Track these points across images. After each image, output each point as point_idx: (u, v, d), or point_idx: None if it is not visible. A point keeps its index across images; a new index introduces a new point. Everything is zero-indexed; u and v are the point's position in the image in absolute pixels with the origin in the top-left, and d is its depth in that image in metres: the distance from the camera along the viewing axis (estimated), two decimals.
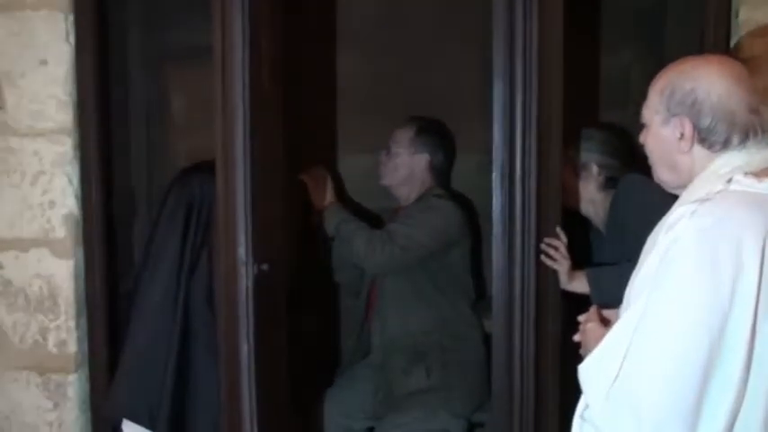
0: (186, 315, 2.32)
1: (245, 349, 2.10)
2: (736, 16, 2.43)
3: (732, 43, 2.45)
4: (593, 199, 2.48)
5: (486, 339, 2.74)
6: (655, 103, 1.57)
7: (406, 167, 2.80)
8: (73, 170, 2.55)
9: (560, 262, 2.26)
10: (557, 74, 2.21)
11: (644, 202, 1.99)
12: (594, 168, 2.45)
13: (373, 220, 2.90)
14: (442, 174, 2.85)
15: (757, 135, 1.49)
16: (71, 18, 2.51)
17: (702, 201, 1.43)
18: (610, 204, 2.43)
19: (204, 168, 2.36)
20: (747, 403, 1.38)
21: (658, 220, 1.53)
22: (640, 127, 1.63)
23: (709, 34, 2.48)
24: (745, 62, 2.29)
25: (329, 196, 2.77)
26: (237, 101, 2.09)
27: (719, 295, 1.36)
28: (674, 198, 1.57)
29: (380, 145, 2.87)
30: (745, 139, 1.49)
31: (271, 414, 2.24)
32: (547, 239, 2.25)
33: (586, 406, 1.50)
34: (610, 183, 2.44)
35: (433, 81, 3.06)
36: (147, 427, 2.34)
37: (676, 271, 1.39)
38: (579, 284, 2.28)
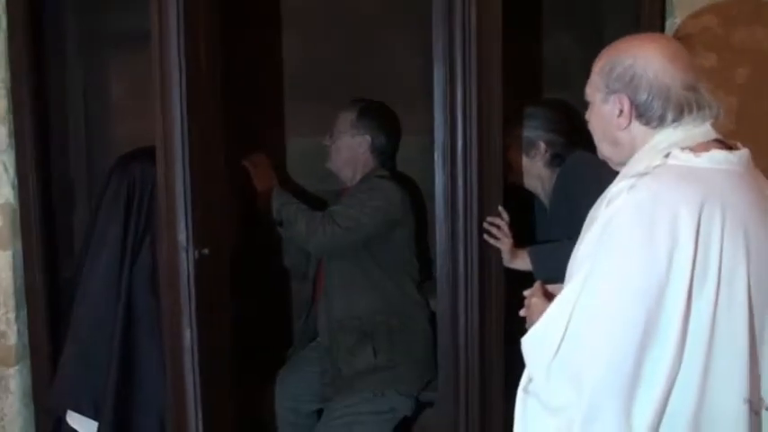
0: (129, 303, 2.30)
1: (188, 335, 2.09)
2: None
3: (667, 23, 2.49)
4: (540, 175, 2.50)
5: (433, 319, 2.75)
6: (596, 81, 1.60)
7: (349, 150, 2.80)
8: (8, 158, 2.50)
9: (502, 240, 2.28)
10: (496, 56, 2.23)
11: (589, 178, 2.01)
12: (542, 145, 2.47)
13: (320, 203, 2.88)
14: (385, 155, 2.86)
15: (692, 111, 1.51)
16: (2, 1, 2.45)
17: (641, 175, 1.46)
18: (555, 181, 2.45)
19: (144, 154, 2.33)
20: (683, 373, 1.41)
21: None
22: (585, 105, 1.65)
23: (644, 15, 2.52)
24: (679, 41, 2.36)
25: (271, 180, 2.77)
26: (174, 85, 2.07)
27: (656, 267, 1.39)
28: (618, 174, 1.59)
29: (327, 128, 2.86)
30: (680, 115, 1.51)
31: (216, 399, 2.24)
32: (489, 218, 2.27)
33: (530, 379, 1.53)
34: (556, 159, 2.46)
35: (378, 64, 3.05)
36: (91, 417, 2.31)
37: (615, 244, 1.42)
38: (521, 262, 2.31)
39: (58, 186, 2.72)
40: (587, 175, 2.17)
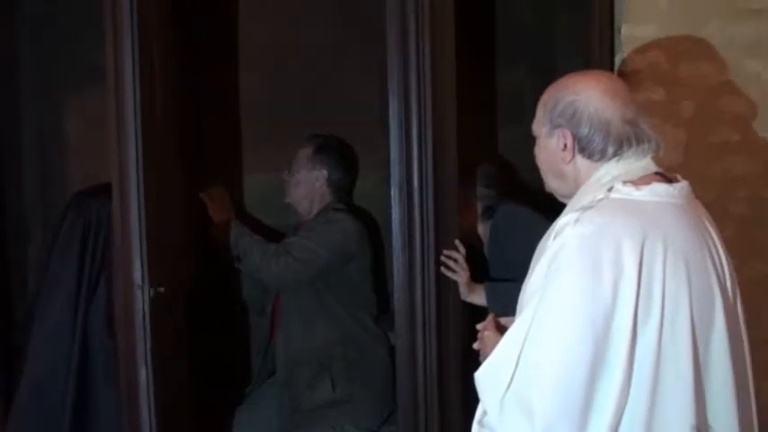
0: (85, 343, 2.27)
1: (144, 374, 2.07)
2: (619, 33, 2.54)
3: (617, 58, 2.56)
4: (479, 229, 2.57)
5: (392, 352, 2.75)
6: (541, 117, 1.64)
7: (306, 184, 2.83)
8: None
9: (459, 273, 2.31)
10: (450, 90, 2.27)
11: (517, 231, 2.06)
12: (473, 198, 2.55)
13: (279, 237, 2.88)
14: (342, 190, 2.89)
15: (632, 145, 1.55)
16: None
17: (585, 209, 1.50)
18: (489, 233, 2.50)
19: (101, 192, 2.32)
20: (631, 401, 1.43)
21: (532, 244, 1.59)
22: (532, 140, 1.69)
23: (594, 50, 2.59)
24: (628, 77, 2.43)
25: (228, 213, 2.78)
26: (130, 122, 2.07)
27: (602, 298, 1.41)
28: (546, 221, 1.62)
29: (285, 163, 2.88)
30: (620, 148, 1.55)
31: None
32: (446, 251, 2.30)
33: (484, 412, 1.54)
34: (487, 212, 2.53)
35: (337, 100, 3.08)
36: None
37: (562, 277, 1.45)
38: (478, 297, 2.34)
39: (12, 224, 2.69)
40: (515, 229, 2.22)
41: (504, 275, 2.27)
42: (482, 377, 1.54)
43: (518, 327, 1.49)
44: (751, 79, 2.53)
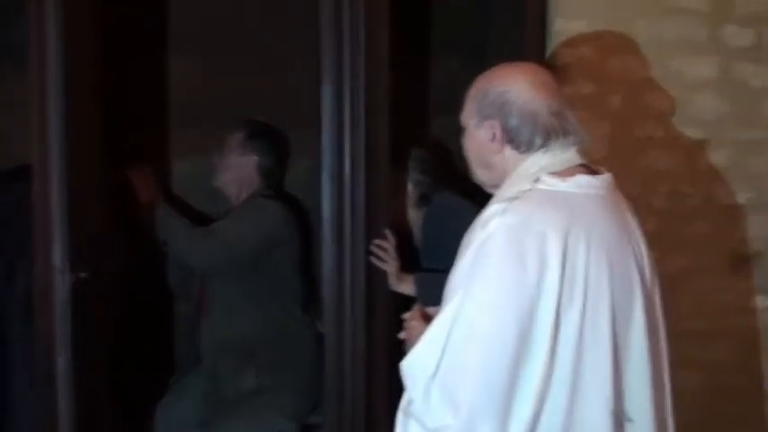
0: (2, 330, 2.20)
1: (62, 361, 2.01)
2: (551, 26, 2.57)
3: (548, 51, 2.59)
4: (410, 215, 2.56)
5: (319, 340, 2.73)
6: (470, 108, 1.65)
7: (236, 168, 2.79)
8: None
9: (389, 263, 2.31)
10: (383, 79, 2.26)
11: (451, 222, 2.06)
12: (409, 186, 2.53)
13: (208, 223, 2.83)
14: (272, 176, 2.85)
15: (558, 137, 1.57)
16: None
17: (512, 199, 1.51)
18: (423, 222, 2.49)
19: (18, 174, 2.24)
20: (553, 388, 1.46)
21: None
22: (461, 130, 1.70)
23: (527, 42, 2.61)
24: (559, 70, 2.46)
25: (155, 193, 2.71)
26: (53, 104, 2.00)
27: (527, 287, 1.44)
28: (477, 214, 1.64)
29: (216, 147, 2.83)
30: (547, 140, 1.57)
31: (91, 425, 2.16)
32: (376, 241, 2.29)
33: (409, 401, 1.55)
34: (423, 199, 2.52)
35: (270, 86, 3.04)
36: None
37: (488, 266, 1.47)
38: (407, 286, 2.34)
39: None
40: (449, 221, 2.22)
41: (434, 265, 2.27)
42: (408, 366, 1.55)
43: (444, 315, 1.50)
44: (674, 76, 2.59)
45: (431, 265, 2.34)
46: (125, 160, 2.69)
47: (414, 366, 1.53)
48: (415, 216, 2.54)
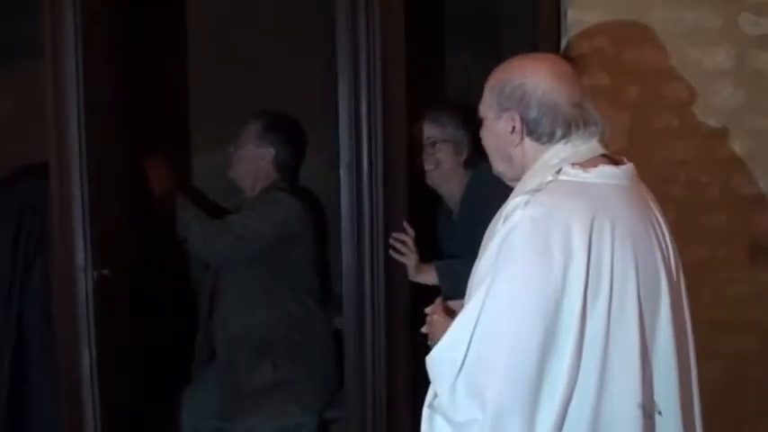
0: (20, 328, 2.20)
1: (87, 358, 2.01)
2: (565, 17, 2.56)
3: (562, 43, 2.58)
4: (459, 178, 2.51)
5: (335, 334, 2.75)
6: (488, 99, 1.64)
7: (252, 160, 2.77)
8: None
9: (408, 256, 2.30)
10: (400, 71, 2.26)
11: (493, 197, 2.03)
12: (449, 147, 2.49)
13: (224, 216, 2.82)
14: (287, 169, 2.84)
15: (579, 128, 1.56)
16: None
17: (534, 191, 1.50)
18: (464, 193, 2.47)
19: (35, 171, 2.24)
20: (580, 382, 1.45)
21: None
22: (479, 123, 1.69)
23: (541, 34, 2.60)
24: (574, 61, 2.45)
25: (169, 182, 2.69)
26: (71, 100, 2.00)
27: (552, 280, 1.42)
28: None
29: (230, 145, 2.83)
30: (568, 131, 1.56)
31: (115, 422, 2.16)
32: (395, 234, 2.29)
33: (435, 395, 1.55)
34: (471, 161, 2.48)
35: (281, 81, 3.04)
36: None
37: (512, 259, 1.45)
38: (428, 276, 2.33)
39: None
40: (491, 193, 2.19)
41: (470, 242, 2.25)
42: (433, 360, 1.54)
43: (469, 310, 1.49)
44: (692, 66, 2.58)
45: (467, 237, 2.30)
46: (143, 154, 2.68)
47: (439, 361, 1.52)
48: (461, 178, 2.50)
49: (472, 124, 2.47)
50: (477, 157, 2.45)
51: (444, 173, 2.51)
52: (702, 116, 2.59)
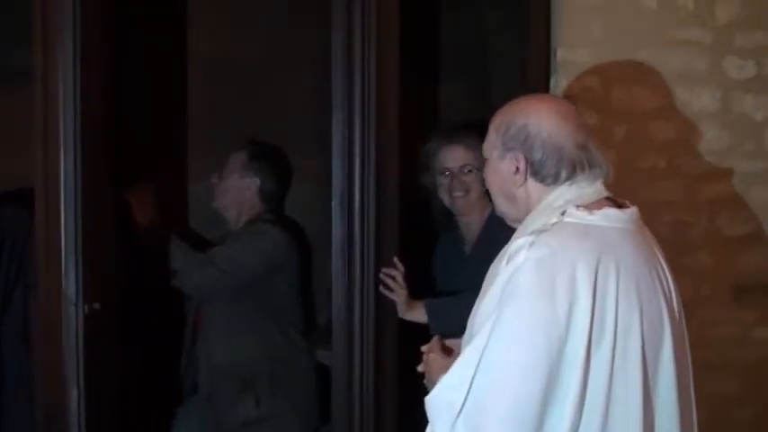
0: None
1: (75, 395, 1.93)
2: (555, 56, 2.58)
3: (551, 81, 2.60)
4: (477, 207, 2.44)
5: (318, 368, 2.71)
6: (492, 139, 1.63)
7: (236, 191, 2.72)
8: None
9: (397, 292, 2.27)
10: (393, 104, 2.25)
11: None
12: (473, 178, 2.40)
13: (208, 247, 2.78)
14: (273, 199, 2.79)
15: (584, 170, 1.56)
16: None
17: (539, 232, 1.49)
18: (482, 230, 2.40)
19: (14, 198, 2.18)
20: (584, 424, 1.43)
21: None
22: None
23: (530, 72, 2.61)
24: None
25: (154, 215, 2.63)
26: (66, 125, 1.93)
27: (557, 323, 1.41)
28: None
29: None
30: (573, 173, 1.56)
31: None
32: (384, 269, 2.26)
33: None
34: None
35: (268, 110, 3.01)
36: None
37: (516, 301, 1.44)
38: (417, 314, 2.30)
39: None
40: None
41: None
42: (432, 402, 1.51)
43: (471, 351, 1.46)
44: (678, 107, 2.61)
45: (480, 267, 2.24)
46: (130, 184, 2.63)
47: (439, 401, 1.49)
48: (477, 209, 2.42)
49: None
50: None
51: (472, 202, 2.41)
52: (688, 157, 2.62)
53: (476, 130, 2.35)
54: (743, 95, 2.64)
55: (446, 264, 2.57)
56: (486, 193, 2.39)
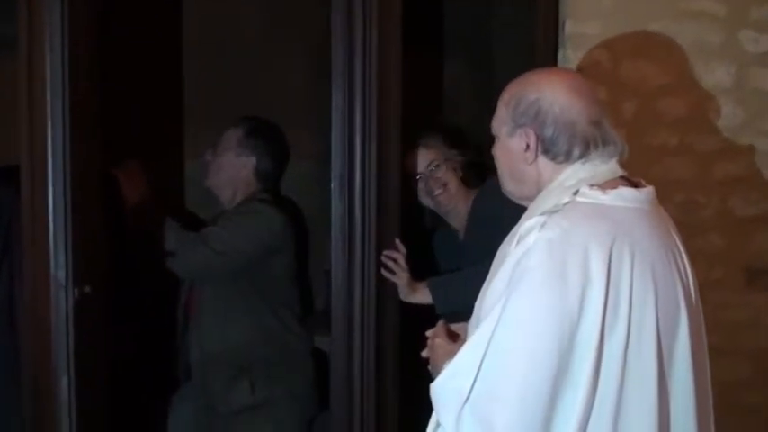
0: None
1: (65, 382, 1.85)
2: (563, 29, 2.49)
3: (560, 55, 2.51)
4: (463, 196, 2.46)
5: (315, 353, 2.64)
6: (502, 115, 1.56)
7: (232, 169, 2.61)
8: None
9: (399, 275, 2.21)
10: (395, 82, 2.18)
11: (506, 209, 1.96)
12: (451, 167, 2.44)
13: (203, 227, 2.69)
14: (269, 178, 2.68)
15: (598, 147, 1.50)
16: None
17: (551, 213, 1.43)
18: (473, 205, 2.39)
19: (1, 175, 2.09)
20: (595, 413, 1.38)
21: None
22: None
23: (538, 46, 2.53)
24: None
25: (144, 191, 2.50)
26: (54, 100, 1.84)
27: (569, 307, 1.35)
28: None
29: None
30: (586, 150, 1.49)
31: None
32: (386, 252, 2.20)
33: (437, 424, 1.48)
34: (476, 179, 2.43)
35: (268, 86, 2.92)
36: None
37: (527, 284, 1.38)
38: (421, 296, 2.24)
39: None
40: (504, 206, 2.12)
41: (477, 255, 2.17)
42: (438, 388, 1.46)
43: (479, 336, 1.40)
44: (691, 83, 2.53)
45: (475, 252, 2.21)
46: (118, 161, 2.53)
47: (445, 389, 1.44)
48: (460, 198, 2.45)
49: (457, 143, 2.45)
50: (472, 175, 2.43)
51: (453, 193, 2.45)
52: (701, 135, 2.55)
53: (428, 129, 2.47)
54: (759, 70, 2.55)
55: (443, 253, 2.56)
56: (464, 181, 2.39)
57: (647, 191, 1.52)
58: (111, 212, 2.40)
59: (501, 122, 1.56)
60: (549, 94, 1.50)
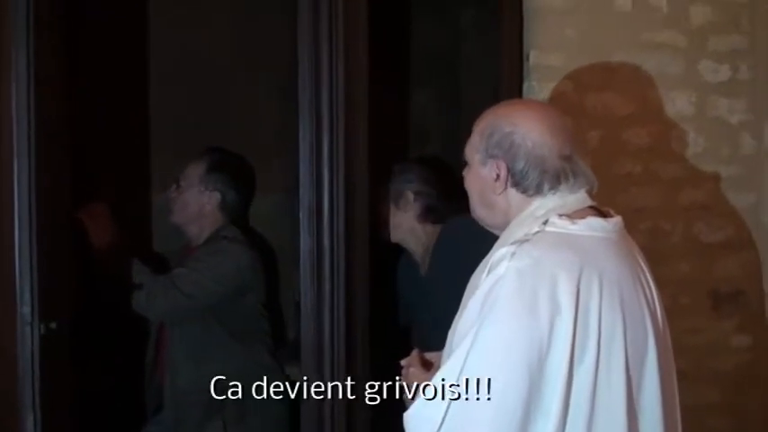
0: None
1: (31, 421, 1.80)
2: (527, 60, 2.53)
3: (524, 86, 2.54)
4: (412, 229, 2.45)
5: (290, 383, 2.60)
6: (476, 143, 1.58)
7: (195, 205, 2.58)
8: None
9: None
10: (363, 113, 2.18)
11: (471, 247, 1.96)
12: (411, 196, 2.43)
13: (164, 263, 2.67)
14: (235, 212, 2.64)
15: (568, 180, 1.52)
16: None
17: (521, 242, 1.45)
18: (437, 240, 2.37)
19: None
20: None
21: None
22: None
23: (502, 77, 2.55)
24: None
25: (110, 234, 2.46)
26: (19, 136, 1.81)
27: (538, 335, 1.37)
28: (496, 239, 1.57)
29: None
30: (556, 183, 1.52)
31: None
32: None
33: None
34: (429, 213, 2.42)
35: (236, 118, 2.90)
36: None
37: (498, 313, 1.39)
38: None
39: None
40: (473, 239, 2.11)
41: (440, 287, 2.15)
42: (411, 418, 1.47)
43: (451, 365, 1.41)
44: (654, 112, 2.58)
45: (438, 291, 2.20)
46: (94, 197, 2.50)
47: (417, 418, 1.45)
48: (419, 229, 2.45)
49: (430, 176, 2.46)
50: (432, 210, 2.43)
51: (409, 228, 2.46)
52: (664, 162, 2.59)
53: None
54: (718, 99, 2.61)
55: (404, 282, 2.56)
56: (425, 214, 2.40)
57: (615, 221, 1.55)
58: (78, 252, 2.37)
59: (474, 150, 1.59)
60: (522, 128, 1.52)
